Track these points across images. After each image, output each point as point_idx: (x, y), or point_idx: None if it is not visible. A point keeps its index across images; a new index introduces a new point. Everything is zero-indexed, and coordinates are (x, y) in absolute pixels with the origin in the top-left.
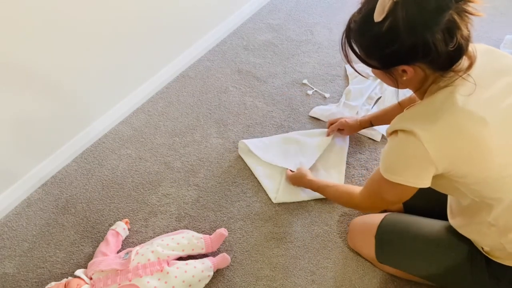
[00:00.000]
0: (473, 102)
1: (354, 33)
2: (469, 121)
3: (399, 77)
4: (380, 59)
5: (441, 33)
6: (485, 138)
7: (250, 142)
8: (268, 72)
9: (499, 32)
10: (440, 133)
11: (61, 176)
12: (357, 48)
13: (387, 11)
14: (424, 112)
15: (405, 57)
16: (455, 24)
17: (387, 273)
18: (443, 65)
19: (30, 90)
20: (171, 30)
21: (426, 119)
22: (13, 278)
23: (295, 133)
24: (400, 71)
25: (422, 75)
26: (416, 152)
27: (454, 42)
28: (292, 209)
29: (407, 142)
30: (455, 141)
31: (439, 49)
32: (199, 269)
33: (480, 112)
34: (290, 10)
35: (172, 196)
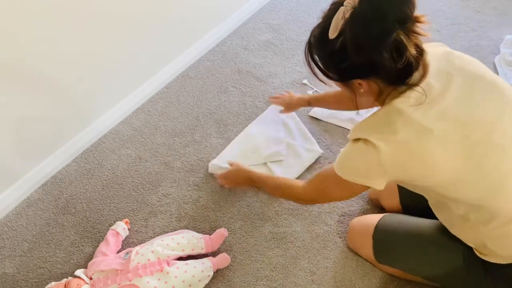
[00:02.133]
0: (420, 112)
1: (313, 47)
2: (413, 133)
3: (356, 90)
4: (337, 73)
5: (389, 53)
6: (428, 149)
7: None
8: (268, 72)
9: (499, 32)
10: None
11: (61, 176)
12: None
13: (339, 30)
14: (380, 123)
15: (357, 73)
16: (403, 44)
17: (387, 273)
18: (395, 80)
19: (30, 90)
20: (171, 30)
21: (381, 130)
22: (13, 278)
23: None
24: (356, 84)
25: (376, 88)
26: (372, 161)
27: (403, 60)
28: (292, 209)
29: (365, 152)
30: (404, 153)
31: (388, 67)
32: (199, 269)
33: (424, 121)
34: (290, 10)
35: (172, 196)
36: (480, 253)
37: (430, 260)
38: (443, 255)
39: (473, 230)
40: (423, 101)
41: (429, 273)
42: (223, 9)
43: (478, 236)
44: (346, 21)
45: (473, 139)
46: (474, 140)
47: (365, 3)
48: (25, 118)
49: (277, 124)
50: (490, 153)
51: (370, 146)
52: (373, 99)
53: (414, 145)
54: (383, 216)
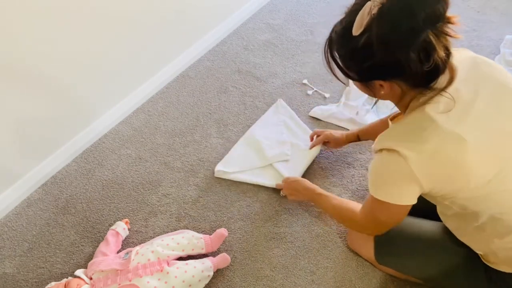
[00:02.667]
0: (452, 120)
1: (334, 44)
2: (447, 142)
3: (377, 91)
4: (358, 72)
5: (416, 53)
6: (463, 158)
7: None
8: (268, 72)
9: (499, 32)
10: (422, 154)
11: (61, 176)
12: (338, 58)
13: (364, 26)
14: (406, 130)
15: (380, 73)
16: (431, 45)
17: (386, 273)
18: (420, 83)
19: (30, 90)
20: (171, 30)
21: (408, 138)
22: (13, 278)
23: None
24: (377, 85)
25: (399, 91)
26: (401, 171)
27: (430, 62)
28: (292, 209)
29: (392, 161)
30: (435, 163)
31: (414, 69)
32: (199, 269)
33: (458, 130)
34: (290, 10)
35: (172, 196)
36: (487, 261)
37: (431, 263)
38: (444, 258)
39: (486, 241)
40: (452, 108)
41: (429, 275)
42: (223, 9)
43: (489, 246)
44: (373, 18)
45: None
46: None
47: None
48: (25, 118)
49: (279, 125)
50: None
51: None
52: (395, 102)
53: (448, 155)
54: None
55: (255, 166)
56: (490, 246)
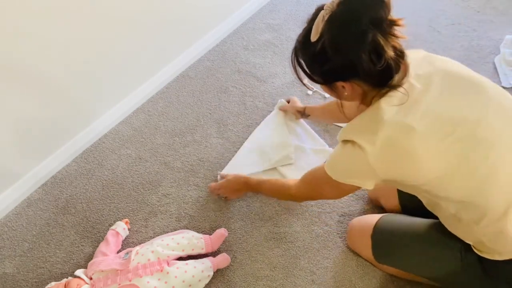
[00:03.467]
0: (403, 111)
1: (298, 51)
2: (396, 132)
3: (340, 92)
4: (320, 75)
5: (367, 54)
6: (413, 146)
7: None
8: (268, 72)
9: (499, 32)
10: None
11: (61, 176)
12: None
13: (320, 32)
14: (362, 123)
15: (338, 75)
16: (380, 46)
17: (386, 273)
18: (377, 82)
19: (30, 90)
20: (171, 30)
21: (364, 130)
22: (13, 278)
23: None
24: (340, 87)
25: (360, 91)
26: (359, 161)
27: (382, 62)
28: (292, 209)
29: (351, 151)
30: (387, 153)
31: (367, 69)
32: (199, 269)
33: (407, 120)
34: (290, 10)
35: (172, 196)
36: (478, 250)
37: (428, 259)
38: (440, 254)
39: (467, 229)
40: (405, 101)
41: (427, 272)
42: (223, 9)
43: (473, 235)
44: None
45: (457, 136)
46: (457, 136)
47: (341, 6)
48: (25, 118)
49: (282, 127)
50: (475, 148)
51: (357, 148)
52: (358, 102)
53: (398, 144)
54: (382, 216)
55: (259, 169)
56: (474, 235)
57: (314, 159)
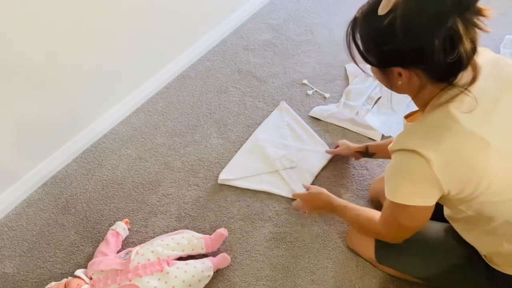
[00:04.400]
0: (475, 121)
1: (358, 24)
2: (468, 143)
3: (394, 80)
4: (377, 56)
5: (441, 41)
6: (485, 161)
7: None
8: (268, 72)
9: (499, 32)
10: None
11: (61, 176)
12: (358, 39)
13: (391, 6)
14: (426, 130)
15: (400, 59)
16: (458, 34)
17: (386, 273)
18: (440, 76)
19: (30, 90)
20: (171, 30)
21: (429, 139)
22: (13, 278)
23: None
24: (396, 73)
25: (417, 83)
26: (422, 172)
27: (454, 53)
28: (292, 209)
29: (412, 161)
30: (455, 165)
31: (436, 58)
32: (199, 269)
33: (481, 132)
34: (290, 10)
35: (172, 196)
36: (491, 262)
37: (432, 263)
38: (445, 258)
39: (494, 244)
40: (474, 108)
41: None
42: (223, 9)
43: (497, 249)
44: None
45: None
46: None
47: None
48: (25, 118)
49: (283, 128)
50: None
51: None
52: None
53: (468, 157)
54: None
55: (260, 171)
56: (498, 249)
57: (316, 161)
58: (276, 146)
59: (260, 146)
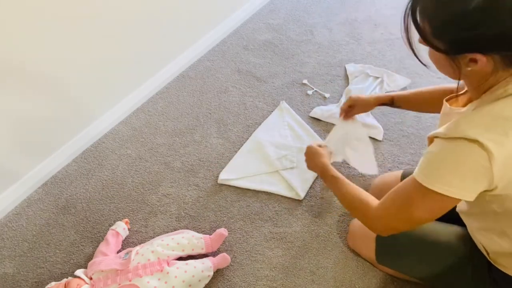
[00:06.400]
0: None
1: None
2: None
3: (463, 67)
4: (452, 41)
5: None
6: None
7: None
8: (268, 72)
9: None
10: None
11: (61, 176)
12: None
13: None
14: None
15: (485, 45)
16: None
17: (386, 273)
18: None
19: (30, 90)
20: (171, 30)
21: (495, 129)
22: (13, 278)
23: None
24: (467, 59)
25: (490, 69)
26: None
27: None
28: (292, 209)
29: (470, 152)
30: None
31: None
32: (199, 269)
33: None
34: (290, 10)
35: (172, 196)
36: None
37: (433, 264)
38: (447, 260)
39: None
40: None
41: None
42: (223, 9)
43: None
44: None
45: None
46: None
47: None
48: (25, 118)
49: (283, 128)
50: None
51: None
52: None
53: None
54: None
55: (260, 171)
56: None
57: None
58: (276, 146)
59: (260, 146)
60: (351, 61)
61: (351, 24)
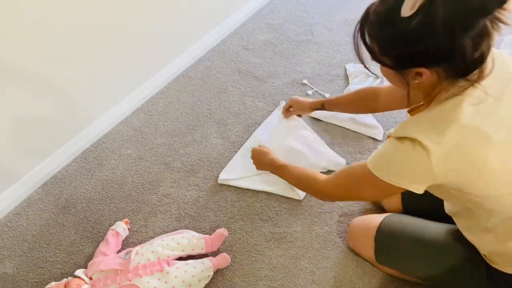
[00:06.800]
0: (481, 115)
1: (371, 25)
2: (473, 138)
3: (410, 80)
4: (397, 58)
5: (471, 39)
6: (487, 157)
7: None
8: (268, 72)
9: None
10: (445, 147)
11: (61, 176)
12: (371, 42)
13: (418, 7)
14: (432, 121)
15: (427, 59)
16: (486, 31)
17: (386, 273)
18: (461, 73)
19: (30, 90)
20: (171, 30)
21: (434, 130)
22: (13, 278)
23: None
24: (414, 73)
25: (435, 80)
26: (420, 163)
27: (478, 50)
28: (292, 209)
29: (413, 152)
30: (457, 159)
31: (465, 56)
32: (199, 269)
33: (486, 127)
34: (290, 10)
35: (172, 196)
36: (490, 261)
37: (433, 264)
38: (445, 259)
39: (494, 241)
40: (482, 101)
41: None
42: (223, 9)
43: (497, 247)
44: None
45: None
46: None
47: None
48: (25, 118)
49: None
50: None
51: (418, 147)
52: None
53: (470, 151)
54: (385, 217)
55: (259, 172)
56: (498, 248)
57: (316, 161)
58: (276, 146)
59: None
60: (351, 61)
61: (351, 24)
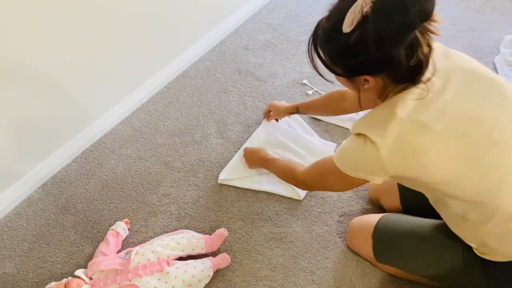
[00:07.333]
0: (421, 108)
1: (321, 40)
2: (412, 129)
3: (361, 85)
4: (345, 67)
5: (405, 49)
6: (425, 146)
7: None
8: (268, 72)
9: (499, 32)
10: (388, 140)
11: (61, 176)
12: (322, 54)
13: (356, 24)
14: (378, 117)
15: (369, 69)
16: (417, 41)
17: (386, 273)
18: (403, 78)
19: (30, 90)
20: (171, 30)
21: (379, 125)
22: (13, 278)
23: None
24: (362, 80)
25: (382, 85)
26: (371, 157)
27: (414, 58)
28: (292, 209)
29: (365, 146)
30: (400, 150)
31: (401, 64)
32: (199, 269)
33: (425, 118)
34: (290, 10)
35: (172, 196)
36: (480, 253)
37: (430, 259)
38: (442, 254)
39: (472, 230)
40: (424, 97)
41: (428, 272)
42: (223, 9)
43: (478, 235)
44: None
45: (472, 136)
46: (473, 137)
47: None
48: (25, 118)
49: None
50: (490, 149)
51: (368, 142)
52: (376, 96)
53: (410, 141)
54: (383, 215)
55: (260, 171)
56: (479, 235)
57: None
58: (276, 146)
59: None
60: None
61: None
